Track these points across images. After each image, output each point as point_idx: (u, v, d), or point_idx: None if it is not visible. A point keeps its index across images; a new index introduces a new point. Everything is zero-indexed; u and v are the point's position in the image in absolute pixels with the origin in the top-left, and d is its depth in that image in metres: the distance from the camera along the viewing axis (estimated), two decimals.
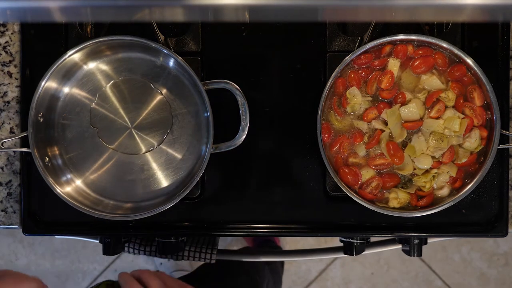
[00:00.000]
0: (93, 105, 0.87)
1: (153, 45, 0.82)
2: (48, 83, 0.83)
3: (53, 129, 0.87)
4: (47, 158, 0.85)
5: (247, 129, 0.82)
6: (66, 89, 0.87)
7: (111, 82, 0.86)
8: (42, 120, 0.85)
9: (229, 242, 1.98)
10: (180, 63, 0.82)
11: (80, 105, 0.87)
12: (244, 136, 0.82)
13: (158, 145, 0.87)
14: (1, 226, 0.94)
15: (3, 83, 0.92)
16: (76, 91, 0.87)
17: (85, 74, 0.87)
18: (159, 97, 0.86)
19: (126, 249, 1.08)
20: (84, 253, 1.98)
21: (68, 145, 0.88)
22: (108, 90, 0.87)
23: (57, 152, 0.87)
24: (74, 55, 0.83)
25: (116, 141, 0.87)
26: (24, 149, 0.85)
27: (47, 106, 0.85)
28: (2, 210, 0.93)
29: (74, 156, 0.88)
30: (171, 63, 0.86)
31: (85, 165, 0.88)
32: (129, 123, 0.86)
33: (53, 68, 0.82)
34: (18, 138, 0.90)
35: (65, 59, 0.82)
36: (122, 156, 0.87)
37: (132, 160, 0.87)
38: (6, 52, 0.93)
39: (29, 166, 0.90)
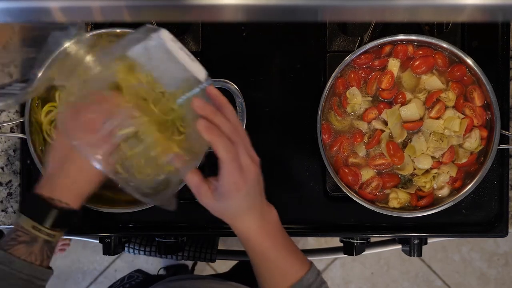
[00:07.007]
0: None
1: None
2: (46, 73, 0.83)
3: None
4: (41, 147, 0.85)
5: None
6: None
7: None
8: (39, 107, 0.85)
9: (229, 242, 1.98)
10: None
11: None
12: None
13: None
14: (1, 226, 0.93)
15: (3, 83, 0.92)
16: None
17: None
18: None
19: (126, 249, 1.08)
20: (84, 253, 1.97)
21: None
22: None
23: None
24: (71, 47, 0.83)
25: None
26: (20, 135, 0.87)
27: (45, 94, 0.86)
28: (2, 210, 0.93)
29: None
30: None
31: None
32: None
33: (50, 59, 0.82)
34: (14, 124, 0.91)
35: (62, 50, 0.82)
36: None
37: None
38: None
39: (29, 166, 0.90)
